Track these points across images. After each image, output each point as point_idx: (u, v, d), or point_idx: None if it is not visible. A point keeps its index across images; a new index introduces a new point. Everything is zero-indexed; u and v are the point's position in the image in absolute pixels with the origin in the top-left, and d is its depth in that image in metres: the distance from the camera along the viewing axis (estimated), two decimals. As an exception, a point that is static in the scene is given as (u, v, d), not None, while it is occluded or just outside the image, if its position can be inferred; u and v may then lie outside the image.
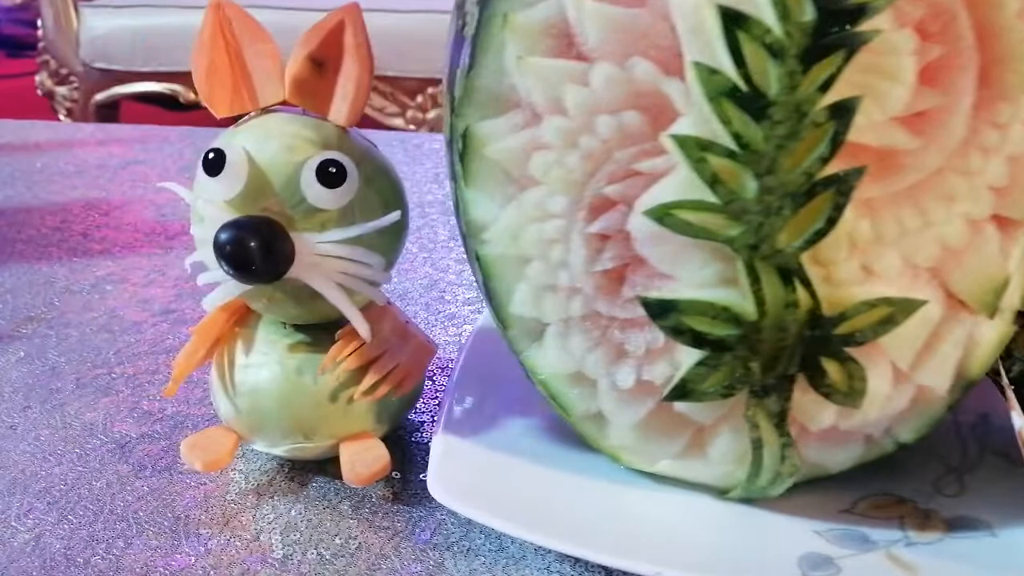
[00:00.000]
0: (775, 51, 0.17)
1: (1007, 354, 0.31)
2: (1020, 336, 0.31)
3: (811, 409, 0.20)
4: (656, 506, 0.23)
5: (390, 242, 0.25)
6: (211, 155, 0.23)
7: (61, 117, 1.38)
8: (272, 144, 0.24)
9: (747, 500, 0.24)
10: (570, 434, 0.25)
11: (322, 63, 0.24)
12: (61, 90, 1.37)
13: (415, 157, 0.59)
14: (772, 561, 0.21)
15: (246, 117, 0.25)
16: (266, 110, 0.25)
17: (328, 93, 0.25)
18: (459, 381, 0.28)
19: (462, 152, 0.21)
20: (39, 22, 1.40)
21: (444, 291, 0.39)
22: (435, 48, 1.27)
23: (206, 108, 0.25)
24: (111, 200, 0.49)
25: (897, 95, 0.17)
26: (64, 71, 1.36)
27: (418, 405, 0.30)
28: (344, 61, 0.24)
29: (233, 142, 0.24)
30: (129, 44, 1.31)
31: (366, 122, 1.37)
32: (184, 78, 1.31)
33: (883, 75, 0.17)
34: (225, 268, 0.23)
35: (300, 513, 0.25)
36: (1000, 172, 0.18)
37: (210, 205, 0.24)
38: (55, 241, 0.43)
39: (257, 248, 0.22)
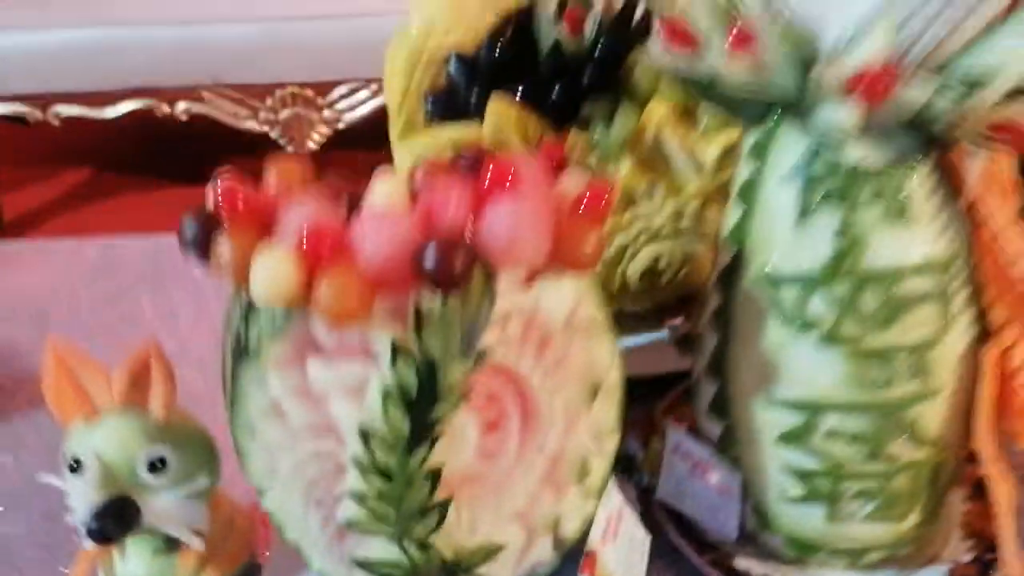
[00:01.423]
0: (392, 446, 0.29)
1: (636, 469, 0.45)
2: (647, 454, 0.46)
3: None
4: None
5: (205, 492, 0.37)
6: (72, 463, 0.34)
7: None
8: (112, 445, 0.35)
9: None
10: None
11: (139, 383, 0.35)
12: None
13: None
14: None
15: (95, 416, 0.36)
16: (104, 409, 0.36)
17: (145, 398, 0.36)
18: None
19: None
20: None
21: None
22: (279, 55, 1.31)
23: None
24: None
25: (466, 453, 0.30)
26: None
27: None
28: (154, 380, 0.35)
29: (86, 444, 0.35)
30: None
31: (221, 129, 1.41)
32: (28, 99, 1.31)
33: (457, 443, 0.30)
34: (93, 538, 0.34)
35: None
36: (544, 468, 0.32)
37: (73, 491, 0.35)
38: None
39: (113, 526, 0.34)
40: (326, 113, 1.35)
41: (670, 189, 0.48)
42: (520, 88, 0.46)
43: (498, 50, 0.46)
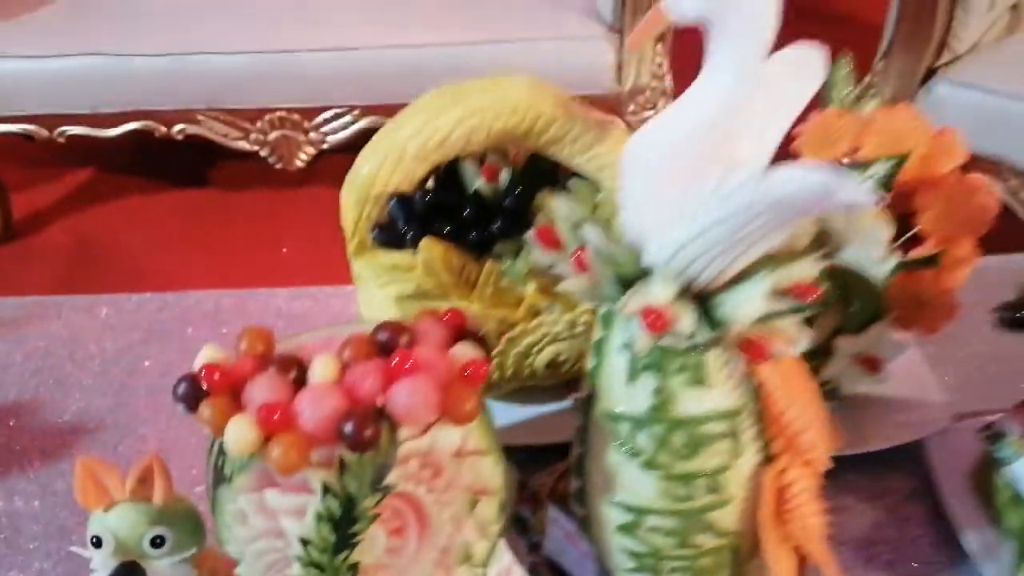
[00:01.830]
0: (323, 550, 0.40)
1: (529, 530, 0.57)
2: (536, 519, 0.57)
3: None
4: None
5: (194, 559, 0.48)
6: (94, 539, 0.46)
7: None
8: (124, 527, 0.46)
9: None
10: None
11: (144, 480, 0.47)
12: (-79, 133, 1.43)
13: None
14: None
15: (111, 505, 0.47)
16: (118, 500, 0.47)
17: (150, 492, 0.47)
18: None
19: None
20: None
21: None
22: (269, 83, 1.39)
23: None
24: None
25: (377, 552, 0.41)
26: (-81, 116, 1.42)
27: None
28: (156, 479, 0.46)
29: (105, 526, 0.46)
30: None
31: (209, 152, 1.50)
32: (36, 120, 1.40)
33: (370, 546, 0.41)
34: (112, 595, 0.46)
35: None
36: (436, 557, 0.43)
37: (95, 559, 0.46)
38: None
39: (126, 586, 0.46)
40: (312, 135, 1.44)
41: (566, 306, 0.58)
42: (447, 228, 0.56)
43: (429, 195, 0.56)
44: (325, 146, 1.46)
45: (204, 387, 0.41)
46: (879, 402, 0.66)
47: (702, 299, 0.40)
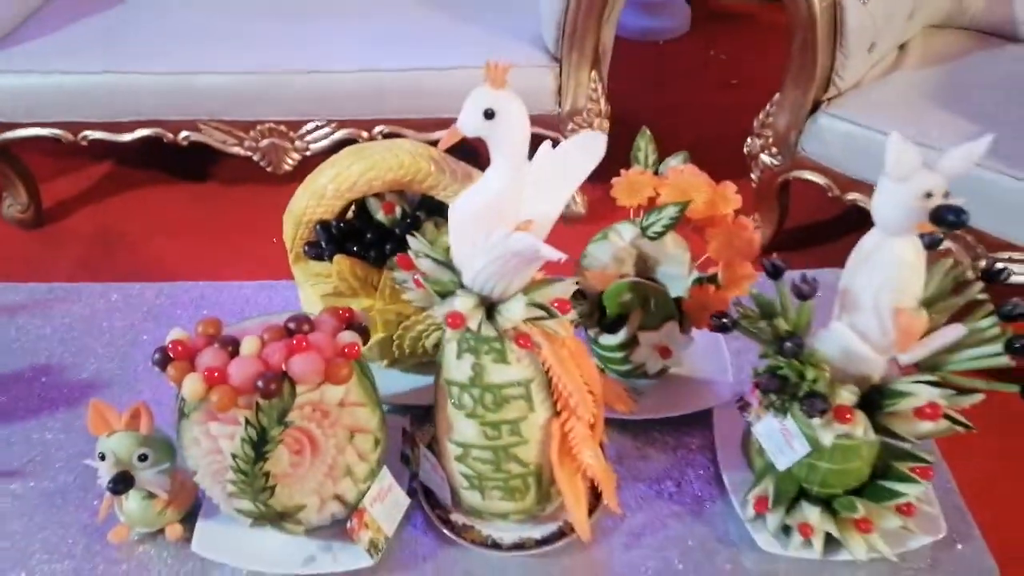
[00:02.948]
0: (246, 462, 0.60)
1: (410, 461, 0.77)
2: (414, 455, 0.77)
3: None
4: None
5: (168, 469, 0.68)
6: (100, 455, 0.66)
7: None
8: (122, 447, 0.66)
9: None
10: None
11: (135, 416, 0.66)
12: (-41, 136, 1.62)
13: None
14: None
15: (112, 432, 0.67)
16: (116, 430, 0.67)
17: (138, 424, 0.67)
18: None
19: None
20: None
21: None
22: (259, 98, 1.58)
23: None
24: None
25: (283, 465, 0.61)
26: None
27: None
28: (142, 417, 0.66)
29: (107, 446, 0.66)
30: (11, 101, 1.56)
31: (212, 152, 1.68)
32: (62, 125, 1.59)
33: (278, 461, 0.61)
34: (111, 492, 0.66)
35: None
36: (324, 471, 0.63)
37: (100, 469, 0.66)
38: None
39: (120, 487, 0.66)
40: (297, 143, 1.63)
41: (443, 304, 0.78)
42: (355, 247, 0.76)
43: (343, 223, 0.76)
44: (308, 153, 1.64)
45: (171, 355, 0.61)
46: (684, 379, 0.86)
47: (492, 307, 0.60)
